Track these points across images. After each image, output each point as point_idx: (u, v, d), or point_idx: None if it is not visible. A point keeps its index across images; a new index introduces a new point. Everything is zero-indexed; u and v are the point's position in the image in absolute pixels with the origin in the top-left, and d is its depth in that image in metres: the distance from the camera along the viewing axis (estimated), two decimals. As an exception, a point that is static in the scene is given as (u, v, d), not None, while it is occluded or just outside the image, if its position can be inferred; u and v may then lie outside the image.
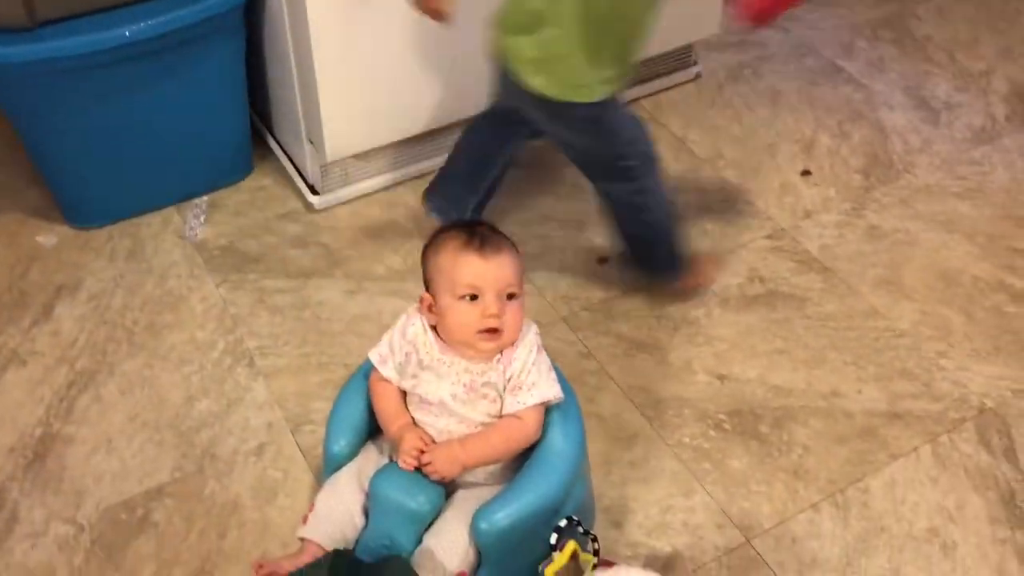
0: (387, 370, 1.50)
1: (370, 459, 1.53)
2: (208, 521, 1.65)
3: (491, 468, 1.48)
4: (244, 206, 2.24)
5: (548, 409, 1.47)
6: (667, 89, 2.57)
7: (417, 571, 1.38)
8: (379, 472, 1.45)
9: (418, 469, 1.43)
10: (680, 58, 2.54)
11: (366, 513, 1.47)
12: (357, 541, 1.47)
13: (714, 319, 2.00)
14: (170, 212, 2.22)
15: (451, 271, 1.43)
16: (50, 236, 2.16)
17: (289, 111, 2.15)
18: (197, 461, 1.74)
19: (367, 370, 1.54)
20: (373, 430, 1.55)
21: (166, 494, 1.69)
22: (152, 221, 2.20)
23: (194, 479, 1.71)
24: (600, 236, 2.16)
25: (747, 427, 1.79)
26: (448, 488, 1.47)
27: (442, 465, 1.42)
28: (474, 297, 1.42)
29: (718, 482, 1.71)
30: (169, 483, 1.71)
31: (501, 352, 1.44)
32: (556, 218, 2.21)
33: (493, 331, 1.42)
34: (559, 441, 1.48)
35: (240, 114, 2.21)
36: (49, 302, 2.02)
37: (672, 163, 2.35)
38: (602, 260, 2.11)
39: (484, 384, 1.43)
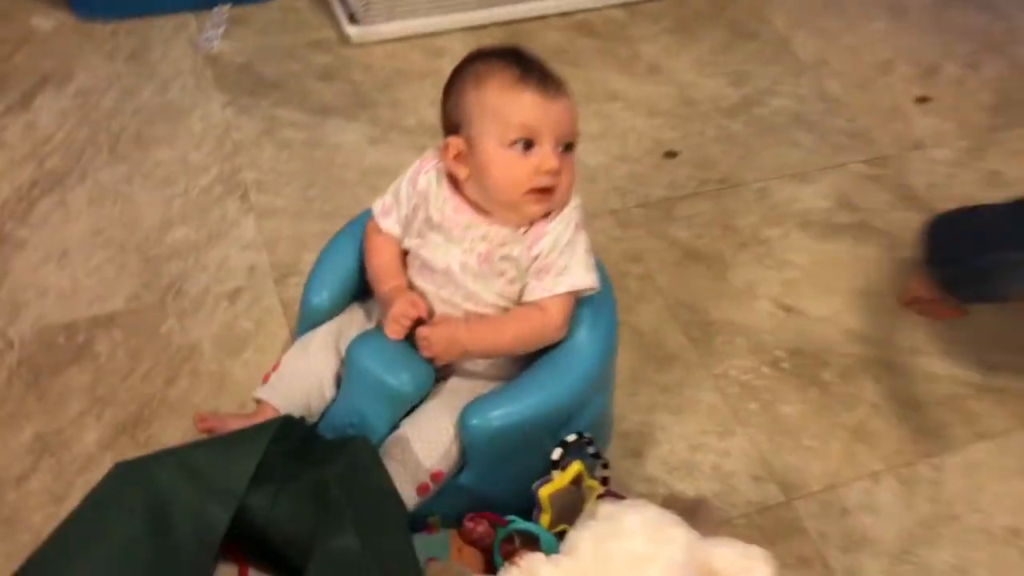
0: (388, 222, 1.22)
1: (354, 322, 1.25)
2: (157, 362, 1.39)
3: (496, 359, 1.20)
4: (272, 25, 1.94)
5: (578, 303, 1.18)
6: (777, -19, 2.21)
7: (384, 460, 1.12)
8: (359, 336, 1.18)
9: (408, 340, 1.16)
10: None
11: (339, 383, 1.20)
12: (322, 415, 1.22)
13: (790, 242, 1.69)
14: (187, 18, 1.93)
15: (502, 109, 1.11)
16: (47, 20, 1.88)
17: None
18: (159, 293, 1.48)
19: (367, 220, 1.26)
20: (363, 290, 1.28)
21: (116, 324, 1.43)
22: (165, 24, 1.91)
23: (151, 313, 1.46)
24: (673, 128, 1.85)
25: (808, 371, 1.49)
26: (439, 372, 1.19)
27: (439, 343, 1.14)
28: (527, 145, 1.12)
29: (763, 427, 1.42)
30: (122, 312, 1.45)
31: (531, 222, 1.15)
32: (625, 98, 1.90)
33: (546, 191, 1.13)
34: (583, 339, 1.20)
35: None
36: (31, 90, 1.75)
37: (770, 63, 2.02)
38: (670, 154, 1.80)
39: (503, 258, 1.14)
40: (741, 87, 1.96)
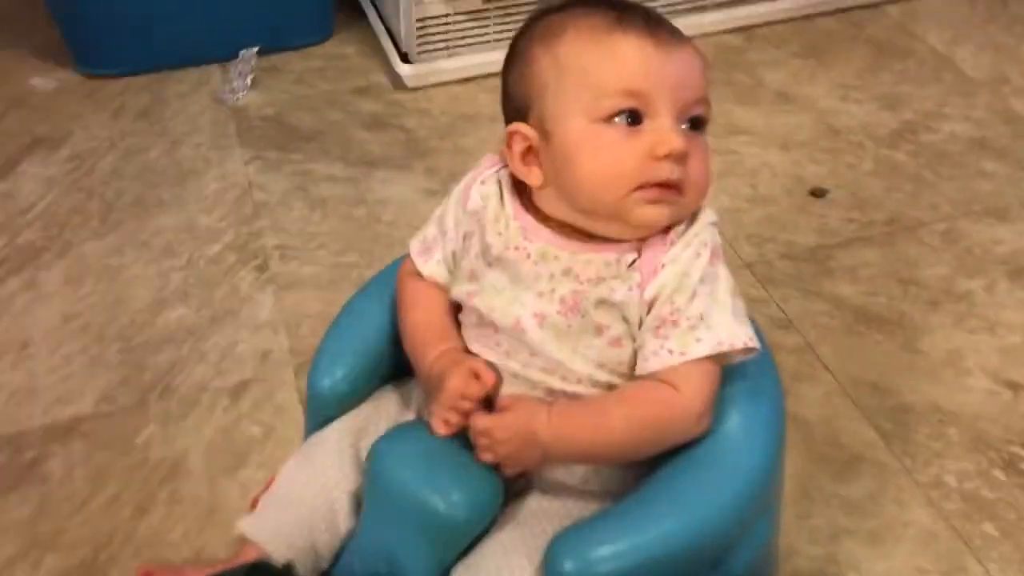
0: (430, 264, 0.81)
1: (383, 414, 0.83)
2: (126, 485, 1.00)
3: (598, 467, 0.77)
4: (311, 74, 1.61)
5: (726, 375, 0.74)
6: (925, -4, 1.81)
7: None
8: (389, 435, 0.76)
9: (464, 439, 0.73)
10: (950, -47, 1.78)
11: (359, 507, 0.78)
12: (336, 557, 0.79)
13: (1000, 296, 1.22)
14: (210, 71, 1.61)
15: (593, 68, 0.70)
16: (49, 80, 1.59)
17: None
18: (140, 392, 1.10)
19: (400, 264, 0.86)
20: (397, 368, 0.86)
21: (78, 433, 1.05)
22: (186, 77, 1.60)
23: (126, 418, 1.07)
24: (816, 162, 1.42)
25: (1065, 473, 1.01)
26: (512, 486, 0.76)
27: (506, 442, 0.70)
28: (634, 118, 0.70)
29: (1011, 560, 0.93)
30: (89, 417, 1.07)
31: (640, 247, 0.73)
32: (751, 131, 1.48)
33: (668, 187, 0.70)
34: (735, 431, 0.75)
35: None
36: (16, 155, 1.44)
37: (930, 83, 1.59)
38: (817, 193, 1.37)
39: (600, 304, 0.71)
40: (899, 112, 1.53)
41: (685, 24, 1.63)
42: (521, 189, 0.77)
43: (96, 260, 1.27)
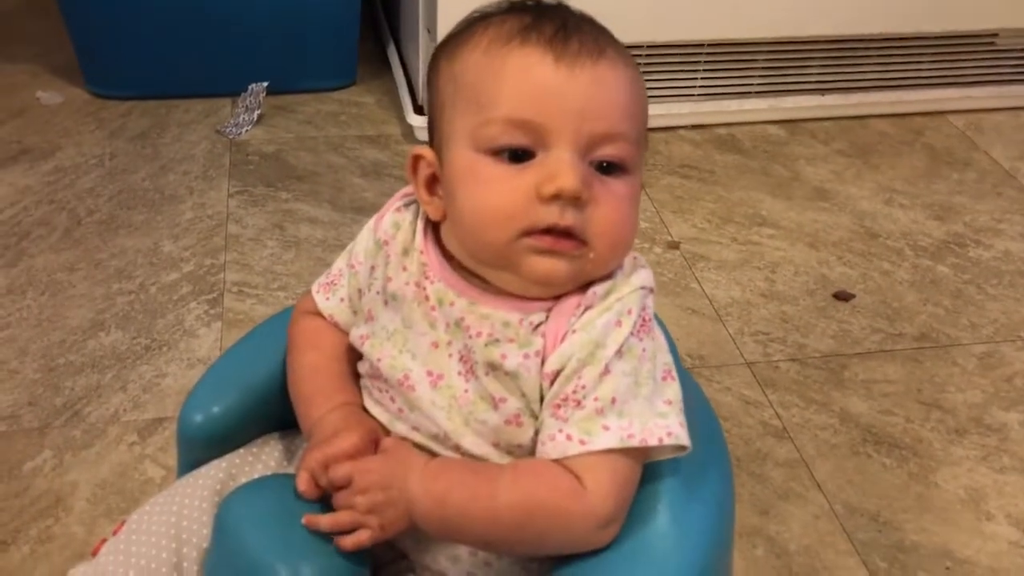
0: (332, 301, 0.68)
1: (261, 464, 0.70)
2: (-7, 516, 0.89)
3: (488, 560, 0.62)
4: (321, 117, 1.54)
5: (648, 472, 0.60)
6: (996, 110, 1.66)
7: None
8: (246, 487, 0.63)
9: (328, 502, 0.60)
10: (1020, 65, 1.65)
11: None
12: (174, 626, 0.66)
13: (1038, 433, 1.05)
14: (222, 103, 1.55)
15: (481, 86, 0.57)
16: (54, 95, 1.54)
17: (411, 1, 1.45)
18: (47, 415, 0.99)
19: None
20: (286, 416, 0.73)
21: (-38, 452, 0.95)
22: (193, 107, 1.53)
23: (22, 441, 0.96)
24: (847, 264, 1.28)
25: (1094, 653, 0.83)
26: (379, 558, 0.63)
27: (371, 486, 0.57)
28: (523, 155, 0.57)
29: None
30: (-20, 437, 0.97)
31: (551, 308, 0.59)
32: (778, 224, 1.35)
33: (559, 236, 0.57)
34: (664, 540, 0.61)
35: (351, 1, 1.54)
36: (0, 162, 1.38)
37: (988, 197, 1.44)
38: (843, 296, 1.22)
39: (491, 369, 0.58)
40: (948, 222, 1.38)
41: (724, 109, 1.55)
42: (436, 222, 0.65)
43: (45, 273, 1.18)
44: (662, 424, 0.57)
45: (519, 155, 0.56)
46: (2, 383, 1.03)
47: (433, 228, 0.64)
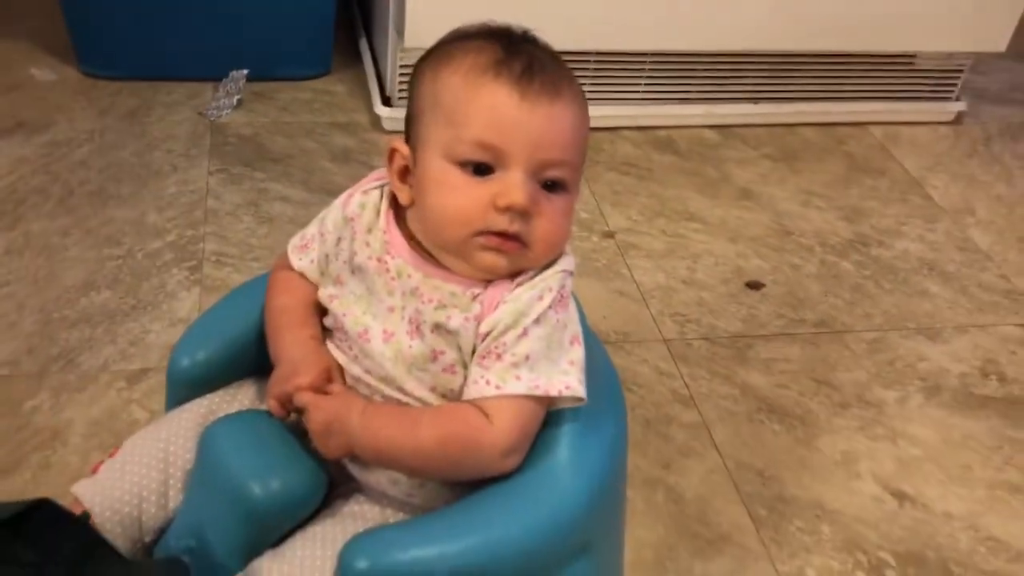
0: (304, 261, 0.83)
1: (238, 402, 0.84)
2: (1, 445, 1.02)
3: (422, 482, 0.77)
4: (297, 104, 1.67)
5: (554, 418, 0.75)
6: (913, 124, 1.83)
7: None
8: (224, 418, 0.77)
9: (301, 432, 0.75)
10: (939, 84, 1.81)
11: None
12: (161, 532, 0.80)
13: (911, 409, 1.21)
14: (204, 88, 1.68)
15: (458, 109, 0.72)
16: (48, 72, 1.66)
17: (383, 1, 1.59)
18: (44, 362, 1.12)
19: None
20: (263, 364, 0.88)
21: (-30, 390, 1.08)
22: (177, 90, 1.66)
23: (22, 384, 1.09)
24: (761, 258, 1.44)
25: (930, 587, 0.99)
26: (339, 487, 0.78)
27: (316, 421, 0.73)
28: (484, 169, 0.71)
29: (852, 663, 0.91)
30: (-15, 378, 1.10)
31: (487, 284, 0.73)
32: (704, 220, 1.51)
33: (507, 238, 0.71)
34: (557, 469, 0.76)
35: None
36: (-4, 135, 1.51)
37: (896, 203, 1.61)
38: (754, 285, 1.38)
39: (436, 327, 0.72)
40: (857, 224, 1.54)
41: (665, 113, 1.70)
42: (399, 205, 0.79)
43: (41, 238, 1.31)
44: (564, 380, 0.72)
45: (482, 169, 0.70)
46: (2, 333, 1.16)
47: (395, 210, 0.78)
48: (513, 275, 0.74)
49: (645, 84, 1.67)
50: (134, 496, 0.79)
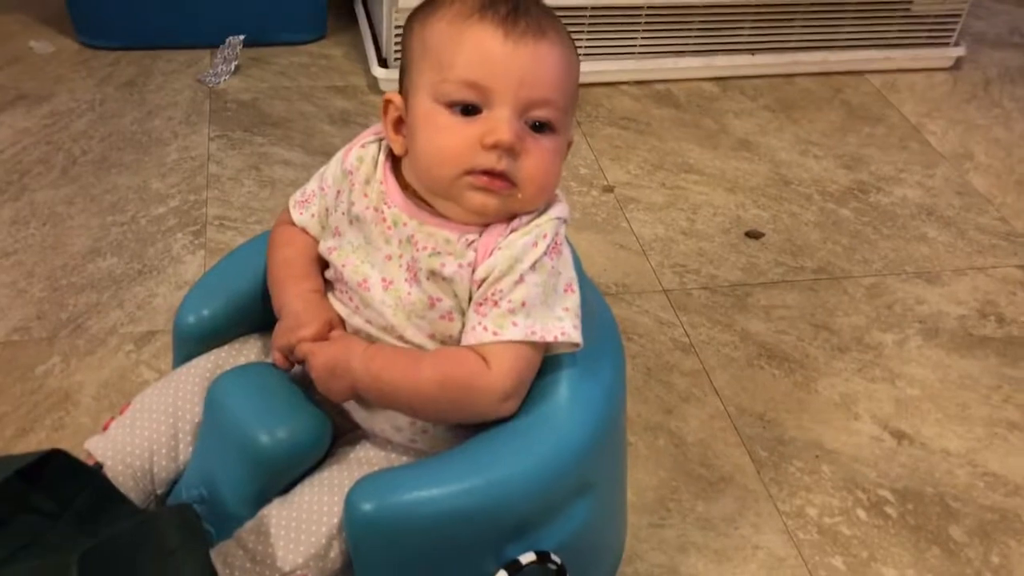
0: (305, 216, 0.84)
1: (243, 357, 0.86)
2: (15, 408, 1.04)
3: (423, 422, 0.79)
4: (294, 68, 1.68)
5: (552, 363, 0.76)
6: (909, 71, 1.83)
7: (219, 559, 0.71)
8: (232, 370, 0.80)
9: (307, 382, 0.77)
10: (937, 29, 1.81)
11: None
12: (173, 484, 0.82)
13: (909, 351, 1.23)
14: (202, 54, 1.68)
15: (444, 51, 0.73)
16: (46, 44, 1.67)
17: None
18: (53, 327, 1.14)
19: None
20: (267, 319, 0.90)
21: (-17, 356, 1.10)
22: (176, 57, 1.67)
23: (34, 348, 1.12)
24: (760, 207, 1.45)
25: (928, 521, 1.01)
26: (345, 435, 0.80)
27: (319, 366, 0.74)
28: (471, 110, 0.72)
29: (852, 596, 0.93)
30: (-3, 344, 1.12)
31: (482, 231, 0.74)
32: (702, 171, 1.51)
33: (495, 176, 0.73)
34: (561, 403, 0.78)
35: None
36: (-1, 107, 1.52)
37: (894, 150, 1.61)
38: (753, 234, 1.39)
39: (431, 275, 0.74)
40: (855, 171, 1.55)
41: (662, 66, 1.71)
42: (396, 157, 0.81)
43: (46, 207, 1.33)
44: (559, 326, 0.74)
45: (468, 109, 0.72)
46: (13, 300, 1.18)
47: (392, 163, 0.80)
48: (507, 221, 0.75)
49: (642, 38, 1.67)
50: (145, 450, 0.81)
